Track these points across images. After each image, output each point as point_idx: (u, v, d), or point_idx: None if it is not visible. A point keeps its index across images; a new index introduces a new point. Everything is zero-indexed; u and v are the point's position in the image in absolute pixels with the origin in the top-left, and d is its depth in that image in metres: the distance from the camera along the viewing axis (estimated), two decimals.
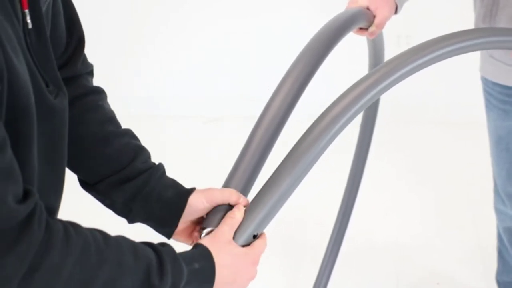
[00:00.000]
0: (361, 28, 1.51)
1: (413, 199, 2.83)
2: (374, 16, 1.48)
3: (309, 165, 0.99)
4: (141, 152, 1.04)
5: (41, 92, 0.81)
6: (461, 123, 3.25)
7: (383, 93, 1.08)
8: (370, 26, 1.50)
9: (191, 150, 3.25)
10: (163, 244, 0.87)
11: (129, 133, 1.05)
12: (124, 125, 1.07)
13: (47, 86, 0.83)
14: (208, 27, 3.48)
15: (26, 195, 0.73)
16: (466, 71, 2.54)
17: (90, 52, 1.10)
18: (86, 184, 1.04)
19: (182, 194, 1.01)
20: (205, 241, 0.92)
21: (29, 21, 0.81)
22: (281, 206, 0.98)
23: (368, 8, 1.47)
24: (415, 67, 1.11)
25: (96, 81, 1.08)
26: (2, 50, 0.71)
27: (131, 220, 1.04)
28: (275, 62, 3.53)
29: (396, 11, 1.54)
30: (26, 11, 0.80)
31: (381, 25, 1.51)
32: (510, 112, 1.69)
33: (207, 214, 1.00)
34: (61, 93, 0.86)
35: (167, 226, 1.02)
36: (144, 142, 1.08)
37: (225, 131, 3.45)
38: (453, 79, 3.35)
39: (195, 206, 1.00)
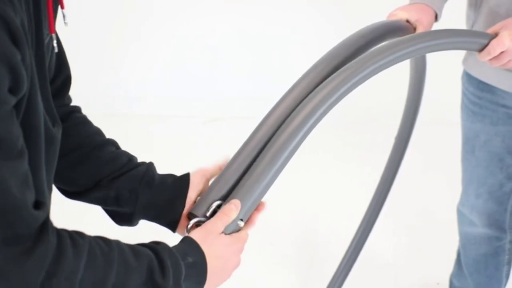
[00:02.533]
0: None
1: (413, 199, 2.84)
2: (415, 29, 1.45)
3: (290, 154, 1.03)
4: (132, 155, 1.09)
5: (46, 121, 0.84)
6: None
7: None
8: None
9: (191, 150, 3.25)
10: (157, 243, 0.88)
11: (115, 143, 1.11)
12: (124, 125, 1.11)
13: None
14: (208, 27, 3.48)
15: (38, 204, 0.75)
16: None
17: (91, 53, 1.11)
18: (80, 191, 1.06)
19: (182, 177, 1.07)
20: (196, 234, 0.93)
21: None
22: (264, 194, 1.01)
23: (408, 21, 1.44)
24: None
25: (97, 82, 1.11)
26: (31, 75, 0.74)
27: (138, 212, 1.05)
28: (275, 62, 3.54)
29: (436, 19, 1.52)
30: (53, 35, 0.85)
31: None
32: (478, 115, 1.69)
33: (196, 201, 1.04)
34: (56, 123, 0.89)
35: (174, 208, 1.04)
36: (144, 142, 1.13)
37: (225, 131, 3.45)
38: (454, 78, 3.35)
39: (196, 182, 1.06)
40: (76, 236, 0.78)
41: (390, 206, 2.75)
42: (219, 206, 0.99)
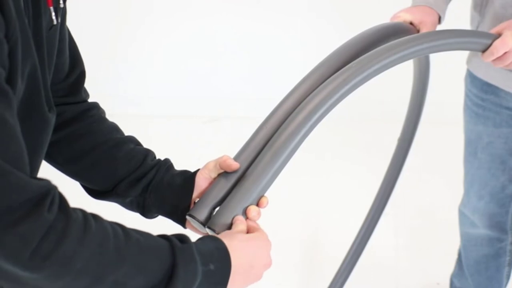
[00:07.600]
0: None
1: (414, 199, 2.83)
2: (418, 31, 1.44)
3: (288, 155, 1.04)
4: (149, 152, 1.12)
5: (42, 103, 0.85)
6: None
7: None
8: None
9: (191, 150, 3.24)
10: (182, 240, 0.85)
11: (133, 140, 1.13)
12: (123, 125, 1.15)
13: None
14: (208, 27, 3.47)
15: (39, 180, 0.73)
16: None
17: (90, 53, 1.12)
18: (102, 192, 1.09)
19: (189, 178, 1.08)
20: (225, 238, 0.92)
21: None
22: (263, 194, 1.02)
23: (411, 23, 1.44)
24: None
25: (97, 82, 1.11)
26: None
27: (148, 212, 1.09)
28: (275, 63, 3.53)
29: (439, 21, 1.52)
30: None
31: None
32: (481, 116, 1.68)
33: (196, 202, 1.05)
34: (52, 109, 0.90)
35: (179, 211, 1.06)
36: (144, 142, 1.14)
37: (224, 131, 3.44)
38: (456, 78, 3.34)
39: (200, 181, 1.07)
40: (91, 223, 0.75)
41: (391, 206, 2.74)
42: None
